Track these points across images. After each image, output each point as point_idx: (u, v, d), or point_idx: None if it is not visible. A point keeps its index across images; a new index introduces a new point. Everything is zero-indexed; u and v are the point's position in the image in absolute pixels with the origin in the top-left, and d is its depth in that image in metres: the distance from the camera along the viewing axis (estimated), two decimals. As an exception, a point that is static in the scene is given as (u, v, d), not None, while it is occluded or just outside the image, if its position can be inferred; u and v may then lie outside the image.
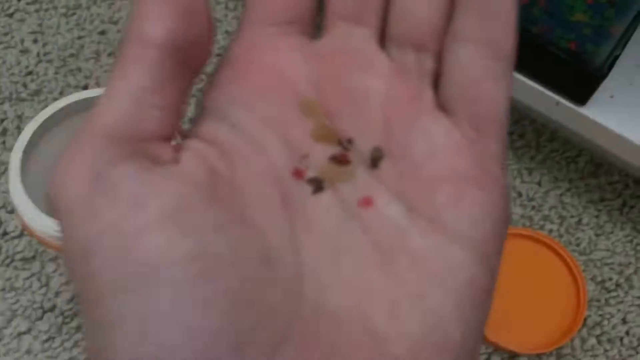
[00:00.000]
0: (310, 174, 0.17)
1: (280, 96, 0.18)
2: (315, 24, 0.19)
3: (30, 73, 0.59)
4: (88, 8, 0.62)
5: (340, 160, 0.18)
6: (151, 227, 0.14)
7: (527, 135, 0.56)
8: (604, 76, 0.43)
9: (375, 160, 0.18)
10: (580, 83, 0.44)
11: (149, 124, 0.16)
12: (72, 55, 0.60)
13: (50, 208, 0.16)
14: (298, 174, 0.17)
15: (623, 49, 0.41)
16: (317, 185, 0.17)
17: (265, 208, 0.16)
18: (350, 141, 0.18)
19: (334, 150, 0.18)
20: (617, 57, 0.42)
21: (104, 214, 0.14)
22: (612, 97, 0.46)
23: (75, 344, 0.48)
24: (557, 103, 0.46)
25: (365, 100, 0.18)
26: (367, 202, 0.17)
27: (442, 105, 0.18)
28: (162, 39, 0.16)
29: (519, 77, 0.46)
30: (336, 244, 0.17)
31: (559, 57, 0.43)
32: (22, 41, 0.60)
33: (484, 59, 0.17)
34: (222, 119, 0.17)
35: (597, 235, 0.53)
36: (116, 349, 0.14)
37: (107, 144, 0.15)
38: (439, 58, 0.18)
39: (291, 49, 0.18)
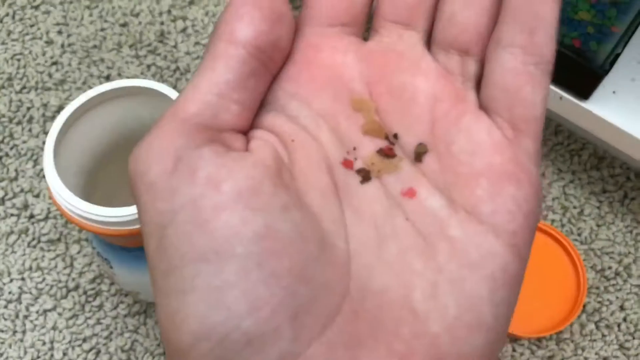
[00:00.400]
0: (359, 164, 0.19)
1: (334, 92, 0.19)
2: (366, 25, 0.20)
3: (55, 63, 0.61)
4: (110, 1, 0.64)
5: (387, 153, 0.19)
6: (225, 205, 0.16)
7: (533, 128, 0.58)
8: (605, 72, 0.45)
9: (419, 155, 0.19)
10: (583, 79, 0.46)
11: (227, 116, 0.17)
12: (95, 46, 0.62)
13: (130, 183, 0.17)
14: (348, 164, 0.19)
15: (624, 47, 0.43)
16: (365, 176, 0.19)
17: (320, 194, 0.18)
18: (396, 136, 0.19)
19: (382, 144, 0.19)
20: (618, 55, 0.43)
21: (184, 191, 0.16)
22: (614, 92, 0.48)
23: (97, 322, 0.51)
24: (561, 98, 0.48)
25: (412, 98, 0.19)
26: (410, 192, 0.18)
27: (483, 106, 0.19)
28: (251, 40, 0.17)
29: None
30: (381, 230, 0.18)
31: (563, 53, 0.45)
32: (48, 32, 0.62)
33: (526, 65, 0.18)
34: (281, 111, 0.19)
35: (598, 225, 0.55)
36: (187, 315, 0.15)
37: (189, 130, 0.17)
38: (482, 61, 0.19)
39: (346, 49, 0.20)
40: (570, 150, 0.58)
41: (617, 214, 0.55)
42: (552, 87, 0.48)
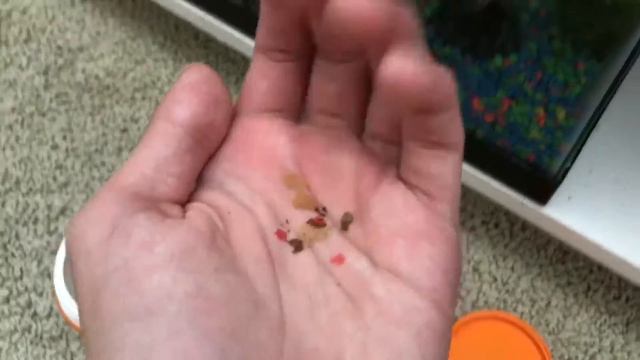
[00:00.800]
0: (292, 236, 0.20)
1: (268, 171, 0.21)
2: (300, 107, 0.22)
3: (59, 167, 0.66)
4: (111, 107, 0.69)
5: (317, 223, 0.20)
6: (158, 267, 0.16)
7: (502, 224, 0.63)
8: (559, 183, 0.50)
9: (345, 224, 0.21)
10: (540, 188, 0.51)
11: (164, 188, 0.18)
12: (97, 150, 0.67)
13: (67, 251, 0.18)
14: (281, 234, 0.20)
15: (573, 162, 0.48)
16: (297, 245, 0.20)
17: (254, 261, 0.18)
18: (325, 208, 0.21)
19: (312, 215, 0.21)
20: (568, 169, 0.49)
21: (118, 255, 0.17)
22: (569, 198, 0.53)
23: (95, 416, 0.54)
24: (522, 203, 0.52)
25: (339, 175, 0.21)
26: (339, 259, 0.20)
27: (401, 180, 0.20)
28: (187, 120, 0.19)
29: (490, 179, 0.53)
30: (313, 297, 0.19)
31: (521, 166, 0.50)
32: (53, 138, 0.68)
33: (430, 148, 0.19)
34: (218, 188, 0.20)
35: (564, 316, 0.59)
36: None
37: (126, 199, 0.18)
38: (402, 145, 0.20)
39: (279, 132, 0.21)
40: (537, 245, 0.62)
41: (582, 305, 0.59)
42: (514, 194, 0.52)
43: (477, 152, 0.52)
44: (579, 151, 0.48)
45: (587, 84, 0.44)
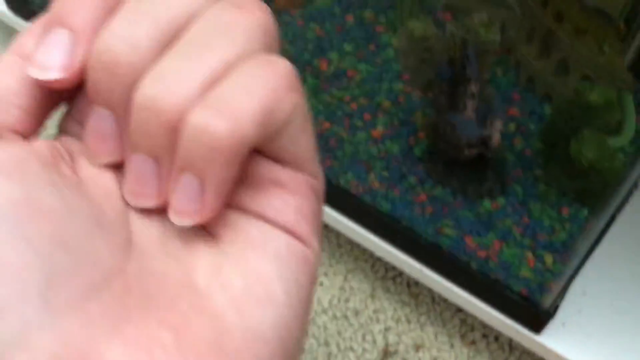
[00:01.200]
0: None
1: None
2: None
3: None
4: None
5: None
6: None
7: (501, 337, 0.64)
8: (550, 316, 0.52)
9: None
10: (533, 318, 0.53)
11: (7, 118, 0.18)
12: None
13: None
14: None
15: (563, 298, 0.50)
16: None
17: (103, 193, 0.18)
18: None
19: None
20: (558, 306, 0.51)
21: None
22: (564, 324, 0.54)
23: None
24: (518, 331, 0.54)
25: None
26: None
27: None
28: None
29: (490, 308, 0.55)
30: (168, 228, 0.18)
31: (513, 298, 0.52)
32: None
33: None
34: (76, 136, 0.19)
35: None
36: None
37: None
38: None
39: None
40: (536, 359, 0.63)
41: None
42: (510, 323, 0.54)
43: (473, 281, 0.54)
44: (567, 288, 0.50)
45: (572, 230, 0.46)
